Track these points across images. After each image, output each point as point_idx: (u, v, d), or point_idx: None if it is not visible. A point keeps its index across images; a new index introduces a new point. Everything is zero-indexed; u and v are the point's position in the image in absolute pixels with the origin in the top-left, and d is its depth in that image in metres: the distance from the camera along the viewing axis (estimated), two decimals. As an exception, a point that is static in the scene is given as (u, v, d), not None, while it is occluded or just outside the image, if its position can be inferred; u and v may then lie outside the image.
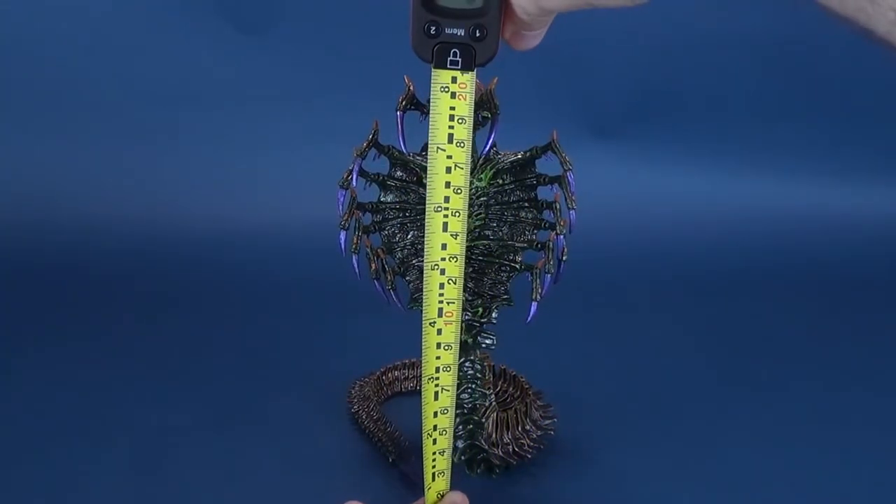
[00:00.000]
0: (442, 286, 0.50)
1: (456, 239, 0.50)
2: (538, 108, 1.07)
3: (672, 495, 0.62)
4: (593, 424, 0.70)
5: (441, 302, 0.50)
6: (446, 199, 0.49)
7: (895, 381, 0.81)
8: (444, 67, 0.45)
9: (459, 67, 0.45)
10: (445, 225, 0.49)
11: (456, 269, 0.50)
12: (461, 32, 0.44)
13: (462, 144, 0.48)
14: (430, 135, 0.48)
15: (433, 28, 0.44)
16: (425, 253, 0.50)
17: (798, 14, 1.17)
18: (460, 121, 0.48)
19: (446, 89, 0.47)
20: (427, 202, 0.49)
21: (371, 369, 0.75)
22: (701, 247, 1.13)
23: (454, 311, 0.51)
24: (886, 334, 0.91)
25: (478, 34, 0.44)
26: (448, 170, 0.49)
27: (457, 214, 0.49)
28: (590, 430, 0.69)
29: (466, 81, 0.47)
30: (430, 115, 0.48)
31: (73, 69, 1.13)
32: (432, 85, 0.47)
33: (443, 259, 0.50)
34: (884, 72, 1.22)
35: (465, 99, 0.47)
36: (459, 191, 0.49)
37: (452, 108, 0.47)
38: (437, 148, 0.48)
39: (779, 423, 0.72)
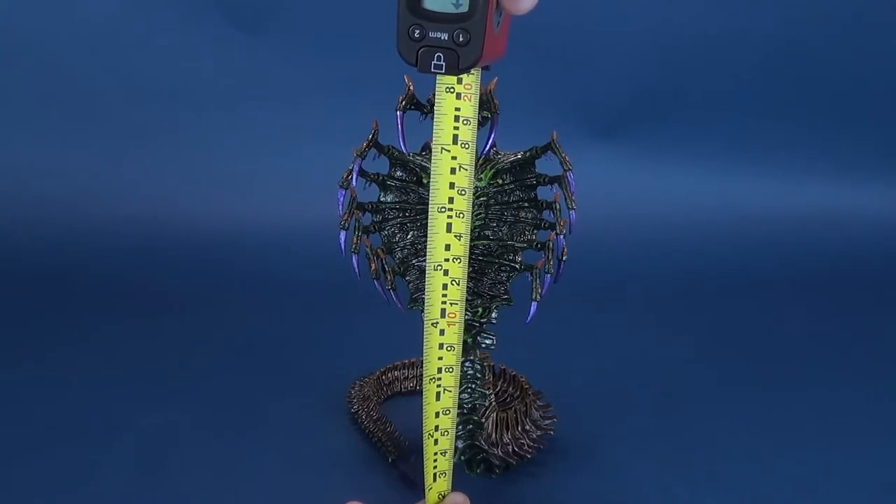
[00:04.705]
0: (445, 287, 0.50)
1: (459, 240, 0.50)
2: (538, 108, 1.08)
3: (672, 495, 0.62)
4: (593, 424, 0.70)
5: (444, 303, 0.50)
6: (450, 200, 0.49)
7: (892, 380, 0.81)
8: (428, 71, 0.45)
9: (443, 72, 0.45)
10: (449, 226, 0.49)
11: (459, 271, 0.50)
12: (444, 36, 0.44)
13: (467, 146, 0.48)
14: (434, 135, 0.48)
15: (417, 31, 0.44)
16: (428, 253, 0.50)
17: (798, 14, 1.17)
18: (465, 122, 0.48)
19: (451, 90, 0.47)
20: (430, 203, 0.49)
21: (371, 369, 0.75)
22: (701, 246, 1.13)
23: (457, 313, 0.51)
24: (886, 334, 0.91)
25: (461, 39, 0.44)
26: (452, 171, 0.49)
27: (461, 216, 0.49)
28: (590, 430, 0.69)
29: (472, 82, 0.47)
30: (435, 116, 0.48)
31: (73, 69, 1.13)
32: (437, 85, 0.47)
33: (446, 260, 0.50)
34: (883, 72, 1.22)
35: (470, 100, 0.47)
36: (464, 192, 0.49)
37: (458, 109, 0.47)
38: (442, 148, 0.48)
39: (779, 422, 0.72)
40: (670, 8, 1.17)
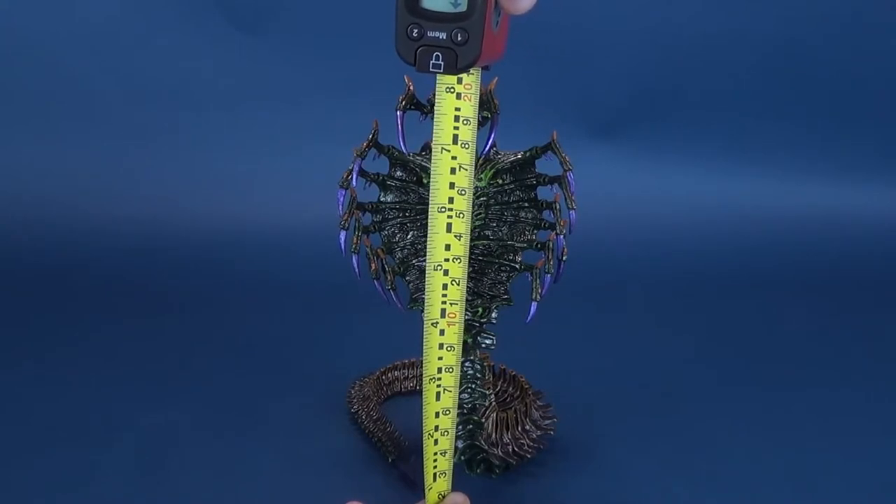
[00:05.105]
0: (445, 287, 0.50)
1: (459, 240, 0.50)
2: (537, 108, 1.08)
3: (672, 494, 0.62)
4: (593, 424, 0.70)
5: (444, 303, 0.51)
6: (450, 200, 0.49)
7: (892, 380, 0.81)
8: (427, 70, 0.45)
9: (442, 71, 0.45)
10: (449, 226, 0.49)
11: (459, 271, 0.50)
12: (443, 36, 0.44)
13: (467, 146, 0.48)
14: (434, 135, 0.48)
15: (415, 31, 0.44)
16: (428, 253, 0.50)
17: (796, 13, 1.17)
18: (465, 122, 0.48)
19: (451, 90, 0.47)
20: (430, 202, 0.49)
21: (371, 369, 0.75)
22: (701, 246, 1.13)
23: (457, 313, 0.51)
24: (886, 334, 0.91)
25: (459, 38, 0.44)
26: (452, 171, 0.49)
27: (461, 216, 0.49)
28: (590, 430, 0.69)
29: (472, 82, 0.47)
30: (435, 116, 0.48)
31: (73, 69, 1.13)
32: (437, 85, 0.47)
33: (446, 260, 0.50)
34: (882, 71, 1.22)
35: (470, 100, 0.47)
36: (464, 192, 0.49)
37: (458, 109, 0.47)
38: (442, 148, 0.48)
39: (779, 422, 0.72)
40: (669, 7, 1.17)
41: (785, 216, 1.19)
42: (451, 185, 0.49)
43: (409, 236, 0.59)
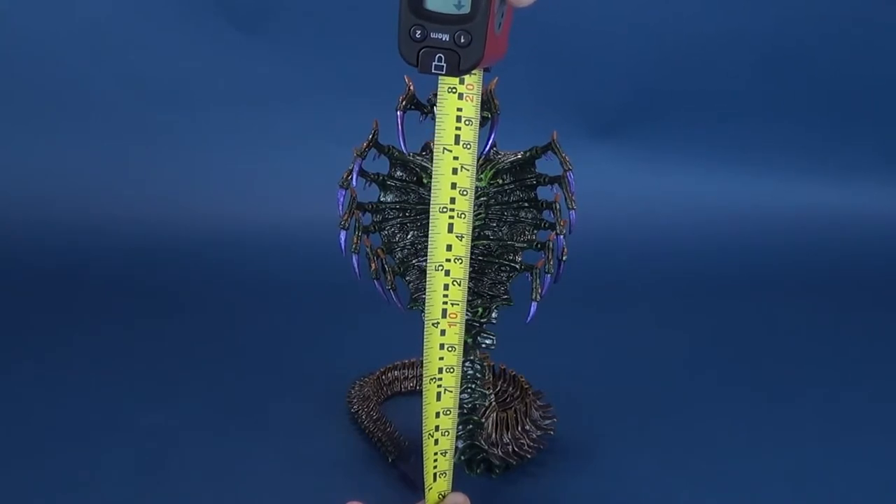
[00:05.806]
0: (446, 287, 0.50)
1: (461, 241, 0.50)
2: (538, 108, 1.08)
3: (672, 495, 0.62)
4: (593, 424, 0.70)
5: (445, 303, 0.51)
6: (452, 201, 0.49)
7: (892, 380, 0.81)
8: (429, 72, 0.45)
9: (444, 73, 0.45)
10: (451, 226, 0.49)
11: (460, 271, 0.50)
12: (446, 38, 0.44)
13: (468, 146, 0.48)
14: (436, 135, 0.48)
15: (418, 32, 0.44)
16: (429, 254, 0.50)
17: (796, 13, 1.17)
18: (467, 122, 0.48)
19: (454, 90, 0.47)
20: (432, 203, 0.49)
21: (371, 369, 0.75)
22: (701, 246, 1.13)
23: (458, 313, 0.51)
24: (886, 334, 0.91)
25: (462, 40, 0.44)
26: (454, 171, 0.49)
27: (462, 216, 0.49)
28: (590, 430, 0.69)
29: (474, 83, 0.47)
30: (437, 116, 0.48)
31: (73, 69, 1.13)
32: (440, 85, 0.47)
33: (447, 260, 0.50)
34: (882, 71, 1.22)
35: (472, 100, 0.47)
36: (465, 192, 0.49)
37: (459, 110, 0.47)
38: (444, 149, 0.48)
39: (779, 422, 0.72)
40: (668, 7, 1.17)
41: (785, 216, 1.19)
42: (453, 186, 0.49)
43: (409, 236, 0.59)
